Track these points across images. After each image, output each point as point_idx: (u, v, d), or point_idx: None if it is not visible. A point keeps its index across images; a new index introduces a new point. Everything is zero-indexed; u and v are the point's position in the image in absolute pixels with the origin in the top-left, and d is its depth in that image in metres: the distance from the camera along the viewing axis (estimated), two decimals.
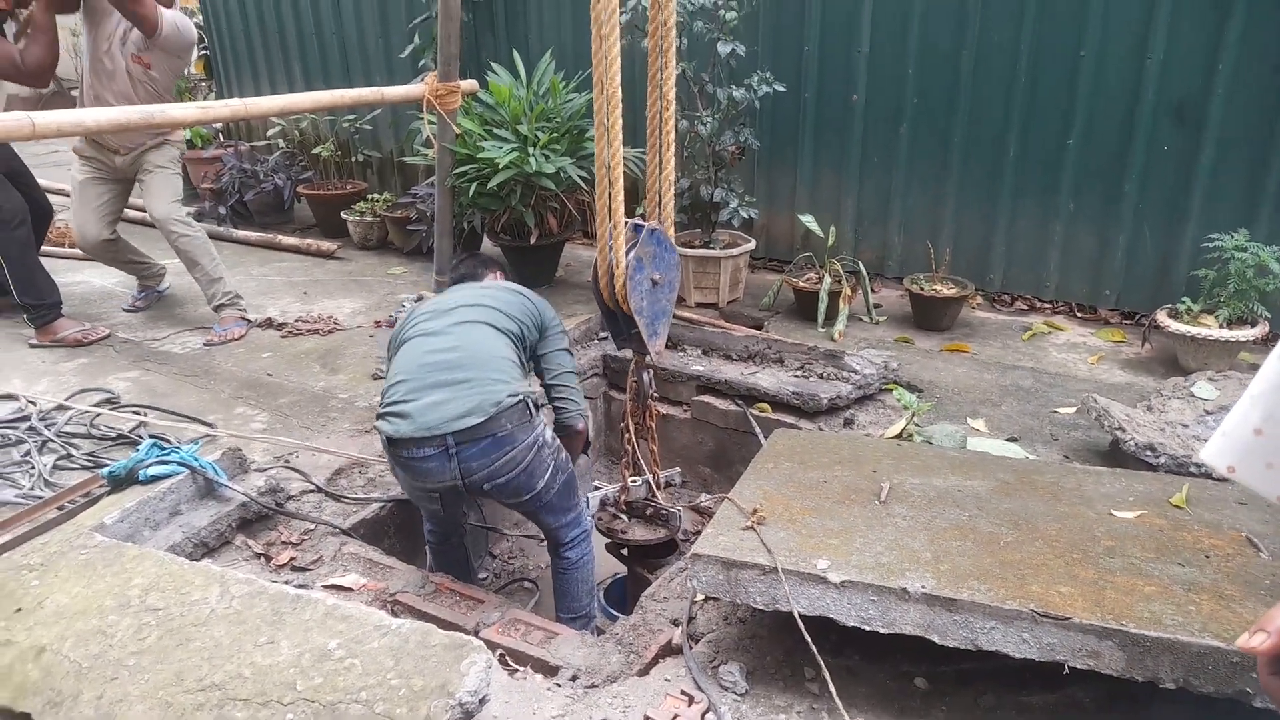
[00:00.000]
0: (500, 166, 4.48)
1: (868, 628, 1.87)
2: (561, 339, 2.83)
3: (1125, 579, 1.86)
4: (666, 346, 3.92)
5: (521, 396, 2.40)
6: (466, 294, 2.76)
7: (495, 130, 4.73)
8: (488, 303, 2.66)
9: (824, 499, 2.27)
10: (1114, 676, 1.72)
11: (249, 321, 4.49)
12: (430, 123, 4.61)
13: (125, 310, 4.77)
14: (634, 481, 3.02)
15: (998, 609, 1.76)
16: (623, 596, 3.20)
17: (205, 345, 4.28)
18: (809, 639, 1.88)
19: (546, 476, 2.53)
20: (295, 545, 2.67)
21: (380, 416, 2.45)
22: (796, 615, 1.89)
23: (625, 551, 3.15)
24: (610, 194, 2.61)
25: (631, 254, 2.67)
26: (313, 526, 2.76)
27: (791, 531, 2.09)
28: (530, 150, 4.57)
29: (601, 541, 2.99)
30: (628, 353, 2.96)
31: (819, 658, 1.89)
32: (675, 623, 2.31)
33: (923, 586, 1.83)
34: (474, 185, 4.64)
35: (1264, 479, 0.55)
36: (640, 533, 2.93)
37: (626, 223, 2.70)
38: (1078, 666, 1.72)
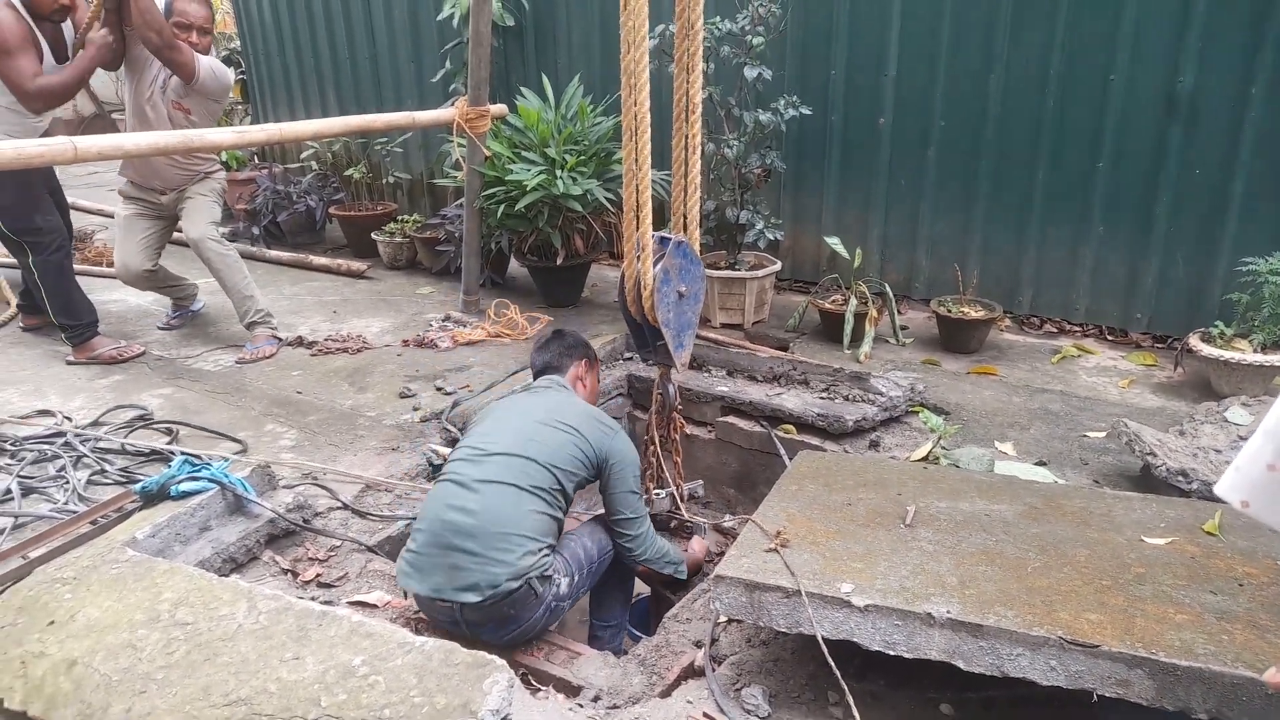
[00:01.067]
0: (528, 188, 4.53)
1: (892, 652, 1.85)
2: (624, 479, 2.59)
3: (1156, 606, 1.83)
4: (691, 366, 3.94)
5: (523, 582, 2.28)
6: (522, 426, 2.54)
7: (523, 153, 4.79)
8: (530, 452, 2.45)
9: (848, 522, 2.26)
10: (1144, 706, 1.69)
11: (280, 340, 4.56)
12: (460, 145, 4.68)
13: (160, 329, 4.86)
14: (658, 494, 3.03)
15: (1025, 635, 1.74)
16: (645, 617, 3.19)
17: (237, 363, 4.34)
18: (832, 663, 1.86)
19: (565, 612, 2.50)
20: (322, 562, 2.70)
21: (402, 556, 2.44)
22: (820, 639, 1.88)
23: None
24: (638, 201, 2.64)
25: (659, 266, 2.69)
26: (339, 543, 2.79)
27: (815, 554, 2.08)
28: (558, 172, 4.61)
29: None
30: (650, 370, 2.97)
31: (843, 682, 1.88)
32: (698, 644, 2.31)
33: (948, 612, 1.81)
34: (502, 207, 4.70)
35: (1278, 514, 0.54)
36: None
37: (653, 235, 2.72)
38: (1107, 695, 1.70)
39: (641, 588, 3.17)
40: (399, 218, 6.36)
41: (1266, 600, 1.86)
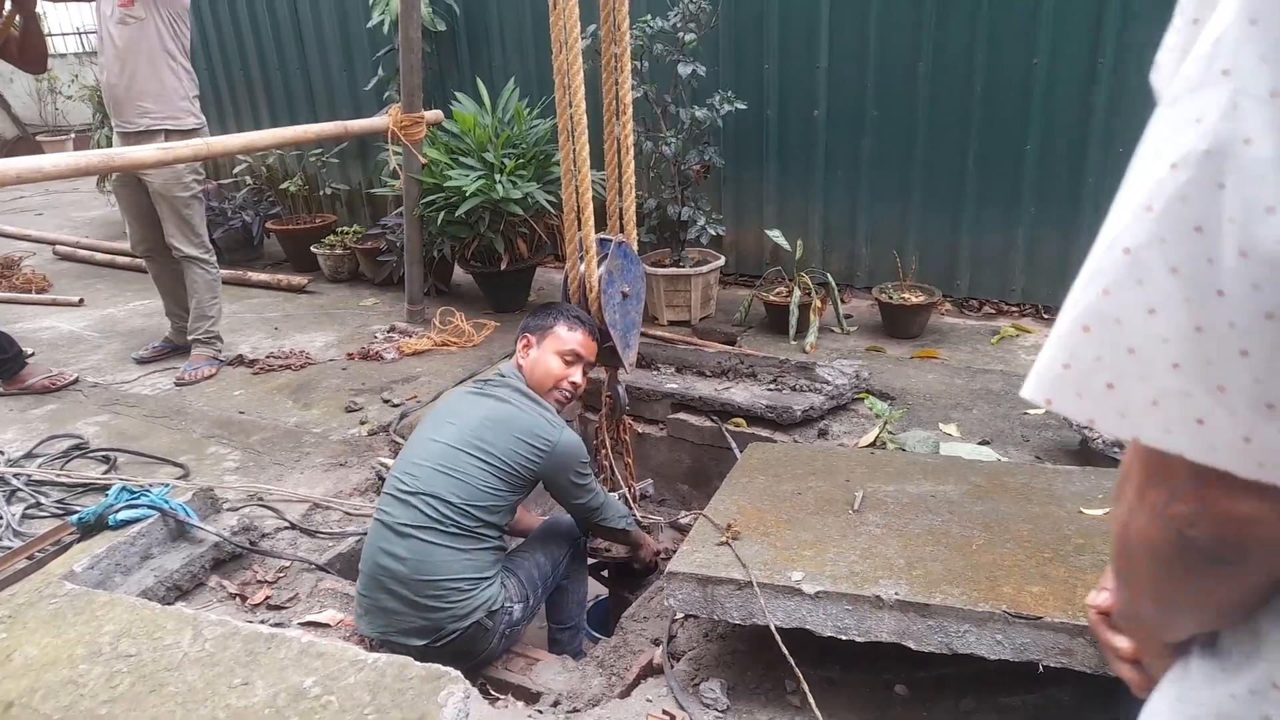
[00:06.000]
0: (467, 194, 4.49)
1: (844, 637, 1.88)
2: (575, 484, 2.45)
3: (1096, 576, 1.87)
4: (640, 364, 3.94)
5: (470, 623, 2.23)
6: (444, 454, 2.33)
7: (461, 158, 4.74)
8: (448, 492, 2.28)
9: (798, 510, 2.28)
10: (1089, 673, 1.73)
11: (220, 361, 4.45)
12: (396, 153, 4.62)
13: (135, 360, 4.58)
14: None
15: (970, 612, 1.77)
16: (604, 618, 3.19)
17: (176, 384, 4.23)
18: (786, 652, 1.88)
19: (522, 631, 2.47)
20: (270, 584, 2.65)
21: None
22: (773, 628, 1.90)
23: (606, 573, 3.14)
24: (578, 203, 2.63)
25: (602, 268, 2.68)
26: (288, 563, 2.74)
27: (766, 545, 2.10)
28: (497, 177, 4.58)
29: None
30: (599, 371, 2.97)
31: (797, 670, 1.90)
32: (656, 642, 2.31)
33: (896, 593, 1.84)
34: (442, 214, 4.65)
35: (1075, 407, 0.63)
36: (621, 550, 2.92)
37: (595, 238, 2.71)
38: (1052, 665, 1.74)
39: (599, 589, 3.17)
40: (338, 229, 6.26)
41: None
